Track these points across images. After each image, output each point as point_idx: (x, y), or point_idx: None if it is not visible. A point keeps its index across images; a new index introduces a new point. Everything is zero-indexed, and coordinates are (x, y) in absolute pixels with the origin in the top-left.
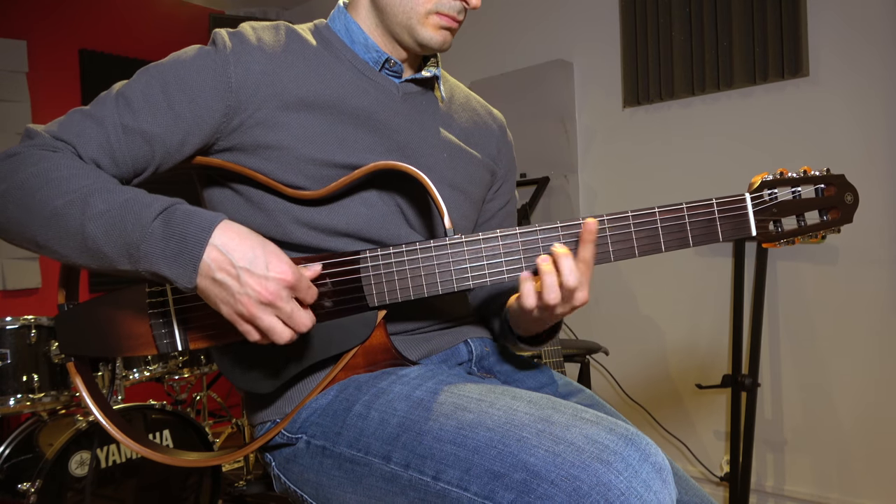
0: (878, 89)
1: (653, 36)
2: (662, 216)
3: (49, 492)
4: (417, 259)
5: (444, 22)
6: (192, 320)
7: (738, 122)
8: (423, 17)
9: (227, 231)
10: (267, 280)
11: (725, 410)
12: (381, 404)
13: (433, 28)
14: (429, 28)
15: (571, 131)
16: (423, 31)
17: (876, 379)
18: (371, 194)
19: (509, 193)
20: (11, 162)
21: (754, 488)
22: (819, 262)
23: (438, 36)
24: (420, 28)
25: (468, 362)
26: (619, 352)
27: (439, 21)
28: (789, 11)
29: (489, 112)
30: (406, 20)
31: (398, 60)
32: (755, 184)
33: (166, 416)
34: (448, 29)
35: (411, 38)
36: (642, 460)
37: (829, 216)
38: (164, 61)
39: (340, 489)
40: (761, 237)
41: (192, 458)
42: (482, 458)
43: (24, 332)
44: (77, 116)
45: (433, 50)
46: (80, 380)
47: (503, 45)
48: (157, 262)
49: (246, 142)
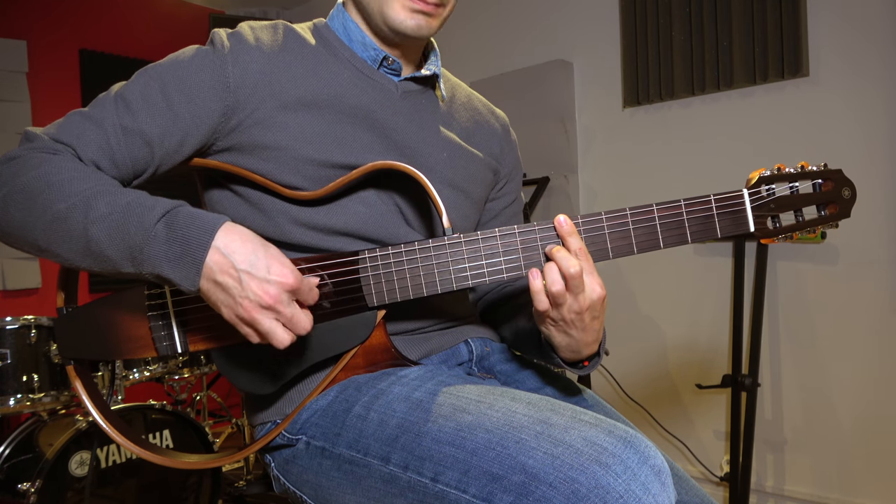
0: (878, 89)
1: (653, 36)
2: (661, 213)
3: (49, 492)
4: (416, 259)
5: (414, 4)
6: (191, 322)
7: (739, 122)
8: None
9: (229, 233)
10: (268, 283)
11: (725, 410)
12: (381, 405)
13: (402, 10)
14: (398, 10)
15: (571, 131)
16: (394, 14)
17: (876, 379)
18: (369, 194)
19: (514, 193)
20: (12, 166)
21: (754, 488)
22: (819, 262)
23: (411, 20)
24: (389, 11)
25: (468, 362)
26: (618, 351)
27: (406, 2)
28: (789, 11)
29: (492, 111)
30: (378, 6)
31: (396, 58)
32: (753, 179)
33: (166, 417)
34: (422, 13)
35: (385, 25)
36: (641, 463)
37: (827, 211)
38: (162, 62)
39: (340, 490)
40: (759, 233)
41: (192, 460)
42: (480, 460)
43: (24, 332)
44: (76, 118)
45: (409, 36)
46: (80, 383)
47: (503, 45)
48: (160, 264)
49: (244, 142)
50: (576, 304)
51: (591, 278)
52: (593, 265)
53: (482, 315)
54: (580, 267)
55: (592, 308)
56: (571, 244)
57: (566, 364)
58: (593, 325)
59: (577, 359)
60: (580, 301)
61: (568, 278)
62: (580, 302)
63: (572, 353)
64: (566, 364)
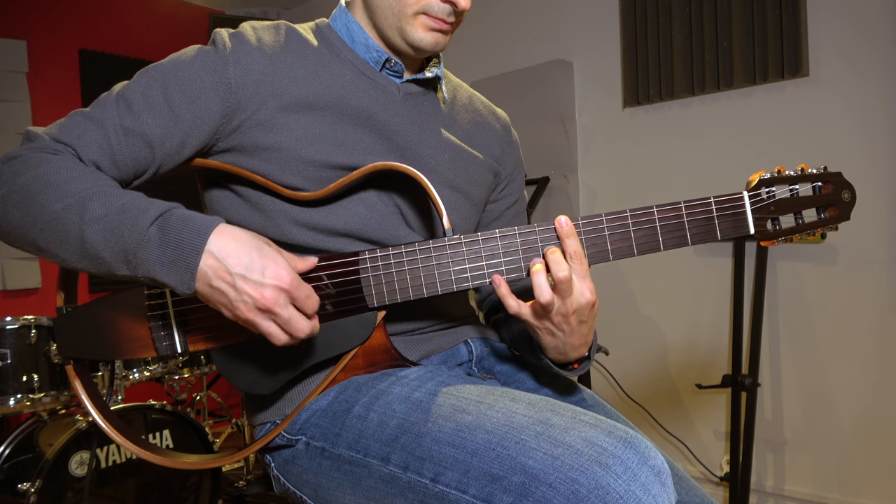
0: (878, 89)
1: (653, 36)
2: (661, 215)
3: (49, 492)
4: (417, 259)
5: (433, 24)
6: (191, 322)
7: (738, 122)
8: (411, 18)
9: (223, 236)
10: (262, 287)
11: (725, 410)
12: (381, 406)
13: (423, 29)
14: (418, 29)
15: (571, 131)
16: (414, 32)
17: (876, 379)
18: (370, 195)
19: (517, 193)
20: (12, 165)
21: (754, 488)
22: (819, 262)
23: (429, 37)
24: (410, 29)
25: (468, 363)
26: (618, 352)
27: (428, 22)
28: (789, 11)
29: (493, 112)
30: (396, 22)
31: (399, 60)
32: (753, 182)
33: (166, 417)
34: (439, 31)
35: (402, 40)
36: (641, 463)
37: (827, 214)
38: (163, 62)
39: (339, 490)
40: (759, 235)
41: (191, 461)
42: (480, 461)
43: (24, 332)
44: (77, 118)
45: (426, 52)
46: (79, 382)
47: (503, 45)
48: (154, 268)
49: (245, 143)
50: (563, 307)
51: (581, 283)
52: (587, 270)
53: (487, 316)
54: (569, 272)
55: (580, 312)
56: (568, 246)
57: (554, 365)
58: (581, 329)
59: (565, 360)
60: (567, 304)
61: (556, 282)
62: (567, 305)
63: (559, 355)
64: (554, 365)
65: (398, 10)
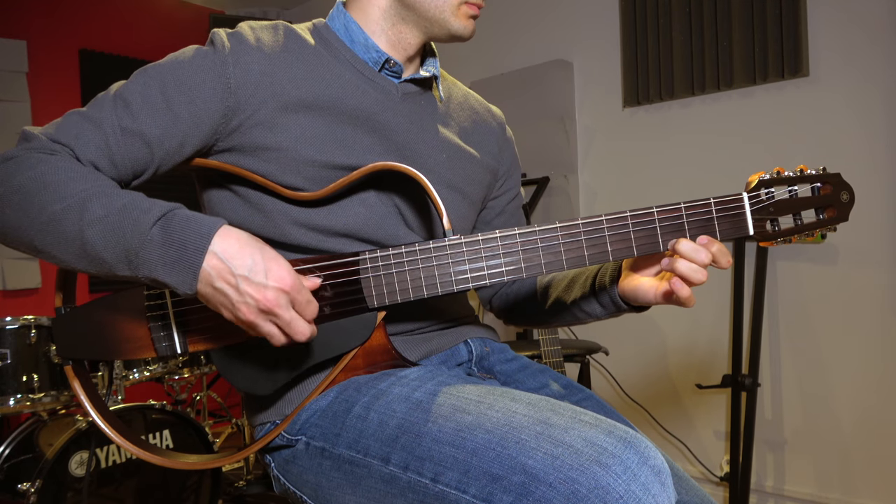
0: (879, 89)
1: (653, 36)
2: (661, 216)
3: (49, 492)
4: (417, 260)
5: (472, 11)
6: (191, 323)
7: (738, 121)
8: (455, 8)
9: (226, 237)
10: (265, 288)
11: (725, 410)
12: (381, 406)
13: (465, 18)
14: (461, 19)
15: (571, 131)
16: (456, 23)
17: (876, 379)
18: (369, 195)
19: (515, 188)
20: (8, 166)
21: (754, 488)
22: (819, 262)
23: (470, 25)
24: (453, 20)
25: (468, 363)
26: (618, 352)
27: (468, 10)
28: (789, 11)
29: (488, 110)
30: (439, 14)
31: (398, 61)
32: (752, 183)
33: (166, 417)
34: (474, 17)
35: (443, 31)
36: (641, 463)
37: (826, 215)
38: (162, 62)
39: (339, 490)
40: (758, 236)
41: (192, 461)
42: (480, 461)
43: (23, 332)
44: (75, 118)
45: (464, 40)
46: (78, 383)
47: (503, 45)
48: (156, 268)
49: (245, 143)
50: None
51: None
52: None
53: (505, 310)
54: (706, 275)
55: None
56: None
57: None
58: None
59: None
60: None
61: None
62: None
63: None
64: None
65: (443, 2)
